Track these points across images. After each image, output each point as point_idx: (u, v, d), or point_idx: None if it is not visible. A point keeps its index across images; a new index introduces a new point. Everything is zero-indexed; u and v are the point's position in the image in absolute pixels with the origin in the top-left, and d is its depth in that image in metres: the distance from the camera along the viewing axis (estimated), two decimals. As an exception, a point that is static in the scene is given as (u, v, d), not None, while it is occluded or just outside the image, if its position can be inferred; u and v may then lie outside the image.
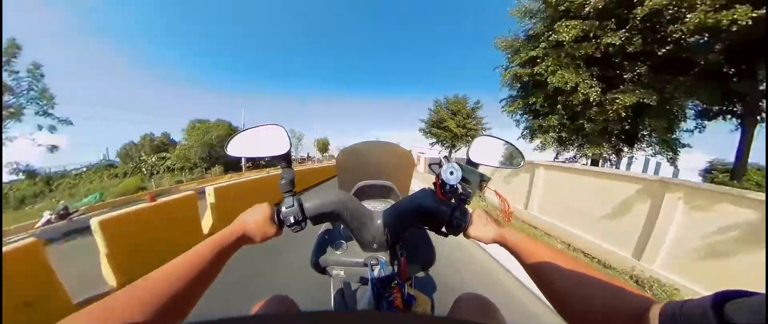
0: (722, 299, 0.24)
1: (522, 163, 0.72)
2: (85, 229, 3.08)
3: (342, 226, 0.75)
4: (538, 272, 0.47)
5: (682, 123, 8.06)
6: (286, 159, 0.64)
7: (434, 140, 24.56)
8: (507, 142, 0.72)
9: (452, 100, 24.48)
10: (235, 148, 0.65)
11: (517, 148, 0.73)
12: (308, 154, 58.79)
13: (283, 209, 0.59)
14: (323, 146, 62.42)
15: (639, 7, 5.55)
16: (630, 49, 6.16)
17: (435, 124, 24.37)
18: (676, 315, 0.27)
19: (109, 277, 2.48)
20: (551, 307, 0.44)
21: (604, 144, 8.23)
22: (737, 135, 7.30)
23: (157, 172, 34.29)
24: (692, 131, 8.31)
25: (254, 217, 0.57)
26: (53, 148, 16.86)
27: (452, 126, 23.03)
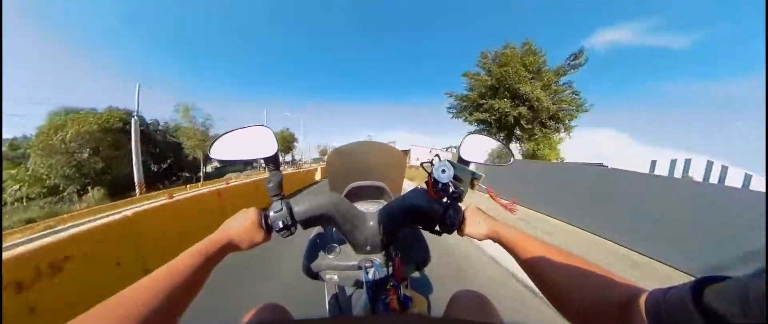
0: (701, 285, 0.25)
1: (511, 161, 0.73)
2: None
3: (334, 229, 0.73)
4: (532, 266, 0.48)
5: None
6: (273, 161, 0.62)
7: (482, 126, 12.35)
8: (497, 140, 0.73)
9: (521, 52, 11.83)
10: (219, 151, 0.63)
11: (507, 146, 0.74)
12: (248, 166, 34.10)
13: (271, 214, 0.58)
14: (284, 142, 41.11)
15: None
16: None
17: (488, 93, 11.87)
18: (660, 301, 0.28)
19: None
20: (545, 299, 0.45)
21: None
22: None
23: (4, 203, 18.10)
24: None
25: (240, 223, 0.55)
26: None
27: (540, 96, 10.68)
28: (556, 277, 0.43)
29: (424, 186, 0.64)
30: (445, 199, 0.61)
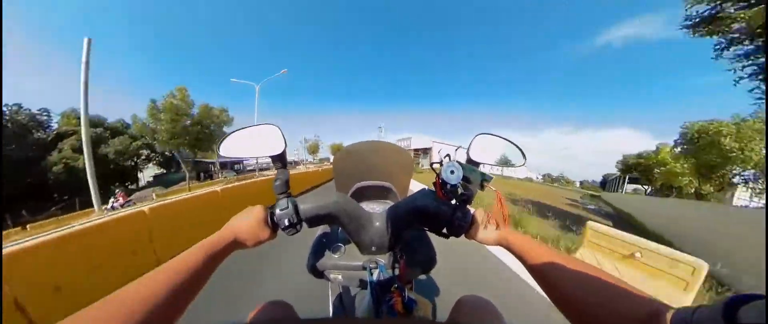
0: (735, 303, 0.23)
1: (523, 162, 0.71)
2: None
3: (340, 228, 0.73)
4: (542, 274, 0.46)
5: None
6: (281, 159, 0.63)
7: None
8: (508, 140, 0.71)
9: None
10: (228, 148, 0.63)
11: (518, 147, 0.71)
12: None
13: (278, 211, 0.58)
14: (207, 118, 16.10)
15: None
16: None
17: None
18: (687, 321, 0.26)
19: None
20: (556, 309, 0.43)
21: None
22: None
23: None
24: None
25: (246, 221, 0.55)
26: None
27: None
28: (569, 287, 0.41)
29: (433, 186, 0.63)
30: (453, 201, 0.60)
